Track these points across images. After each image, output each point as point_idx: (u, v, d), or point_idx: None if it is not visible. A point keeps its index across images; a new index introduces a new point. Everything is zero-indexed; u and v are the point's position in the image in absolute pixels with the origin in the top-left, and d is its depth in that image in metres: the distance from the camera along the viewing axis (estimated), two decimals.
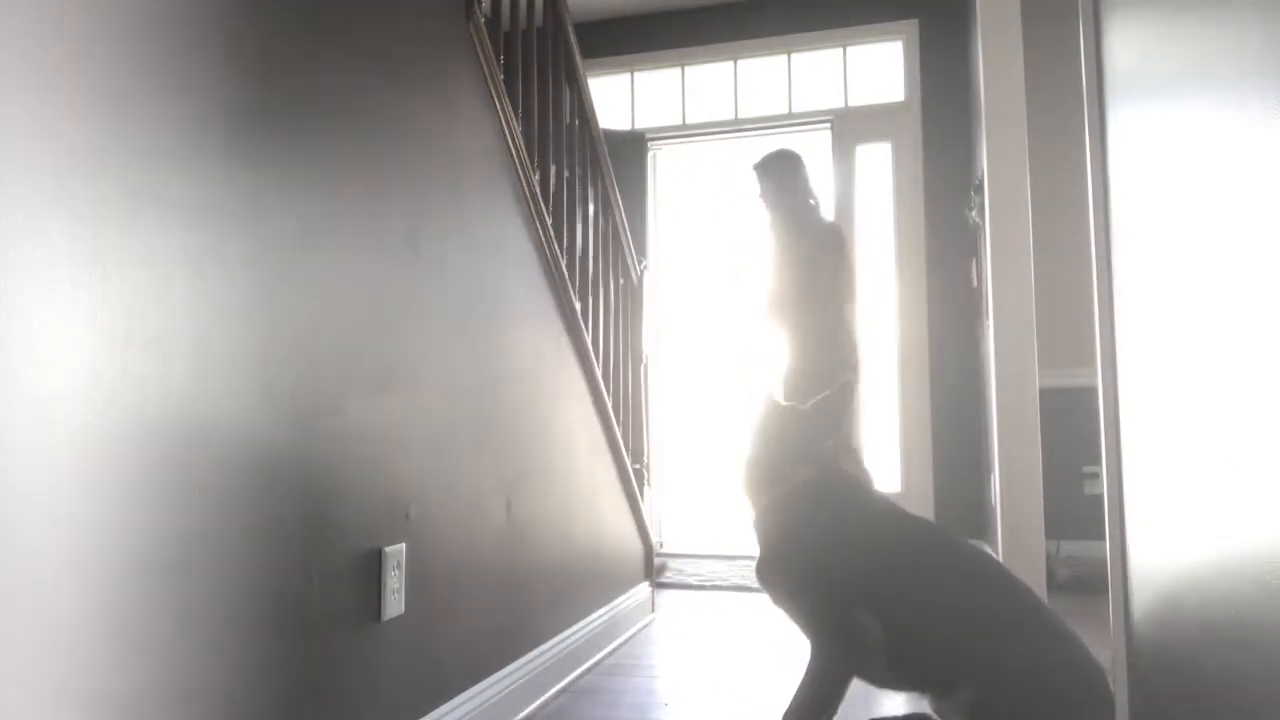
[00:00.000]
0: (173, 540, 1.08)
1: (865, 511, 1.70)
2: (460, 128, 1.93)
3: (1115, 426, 1.01)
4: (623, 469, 3.01)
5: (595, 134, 2.94)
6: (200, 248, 1.15)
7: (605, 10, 5.00)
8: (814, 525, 1.68)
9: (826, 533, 1.66)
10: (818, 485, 1.73)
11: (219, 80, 1.19)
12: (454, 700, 1.76)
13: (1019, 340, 3.22)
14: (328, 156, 1.44)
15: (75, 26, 0.97)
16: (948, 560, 1.61)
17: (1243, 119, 0.65)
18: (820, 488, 1.73)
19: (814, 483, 1.74)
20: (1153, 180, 0.88)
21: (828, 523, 1.68)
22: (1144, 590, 0.94)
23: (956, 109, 4.62)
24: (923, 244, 4.64)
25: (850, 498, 1.73)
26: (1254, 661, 0.65)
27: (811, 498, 1.71)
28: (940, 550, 1.63)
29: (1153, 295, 0.88)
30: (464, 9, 1.98)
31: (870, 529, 1.67)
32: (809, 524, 1.69)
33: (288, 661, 1.30)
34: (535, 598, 2.22)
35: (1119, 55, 0.98)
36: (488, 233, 2.04)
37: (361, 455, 1.50)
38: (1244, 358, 0.66)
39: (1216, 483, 0.72)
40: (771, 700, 2.23)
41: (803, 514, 1.70)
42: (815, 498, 1.71)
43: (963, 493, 4.48)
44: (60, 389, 0.93)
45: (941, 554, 1.62)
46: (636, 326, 3.36)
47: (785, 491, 1.73)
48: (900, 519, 1.69)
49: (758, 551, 1.75)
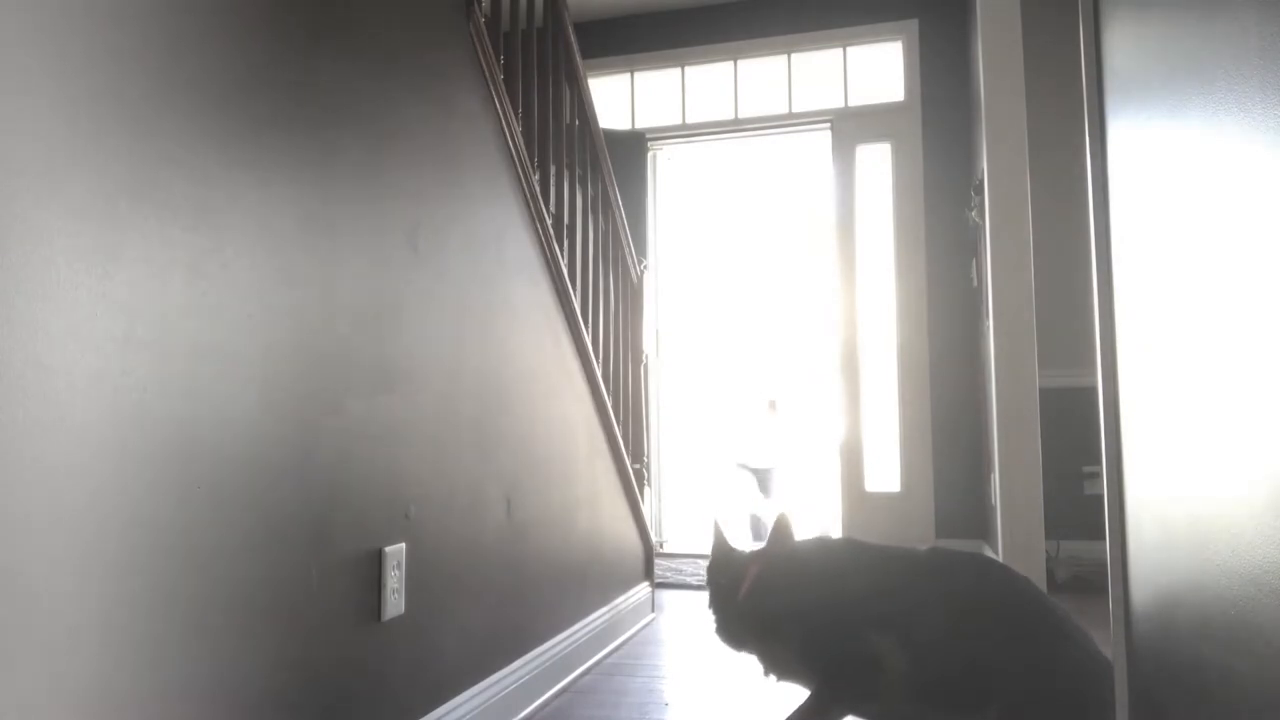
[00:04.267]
0: (173, 540, 1.08)
1: (844, 548, 1.69)
2: (460, 127, 1.93)
3: (1115, 426, 1.01)
4: (623, 469, 3.01)
5: (595, 134, 2.94)
6: (200, 248, 1.15)
7: (605, 10, 5.00)
8: (801, 583, 1.68)
9: (816, 584, 1.65)
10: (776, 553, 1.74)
11: (219, 80, 1.19)
12: (454, 700, 1.76)
13: (1019, 340, 3.22)
14: (328, 156, 1.44)
15: (75, 27, 0.97)
16: (955, 577, 1.58)
17: (1242, 119, 0.65)
18: (782, 554, 1.73)
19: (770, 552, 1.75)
20: (1153, 180, 0.88)
21: (814, 571, 1.67)
22: (1144, 590, 0.94)
23: (956, 109, 4.62)
24: (923, 244, 4.63)
25: (818, 546, 1.73)
26: (1254, 662, 0.65)
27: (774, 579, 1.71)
28: (941, 568, 1.60)
29: (1153, 295, 0.88)
30: (464, 9, 1.98)
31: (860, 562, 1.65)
32: (794, 585, 1.68)
33: (288, 661, 1.30)
34: (535, 598, 2.22)
35: (1119, 55, 0.98)
36: (488, 232, 2.04)
37: (361, 455, 1.50)
38: (1244, 357, 0.66)
39: (1216, 482, 0.72)
40: (772, 700, 2.23)
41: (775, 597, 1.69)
42: (785, 559, 1.71)
43: (963, 493, 4.48)
44: (60, 389, 0.93)
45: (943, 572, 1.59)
46: (636, 326, 3.36)
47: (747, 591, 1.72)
48: (880, 549, 1.68)
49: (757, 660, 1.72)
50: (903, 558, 1.64)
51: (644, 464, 3.37)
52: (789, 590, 1.67)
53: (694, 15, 5.00)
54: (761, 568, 1.72)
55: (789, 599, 1.66)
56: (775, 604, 1.67)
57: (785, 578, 1.69)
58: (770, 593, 1.69)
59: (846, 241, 4.79)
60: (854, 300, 4.75)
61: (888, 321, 4.69)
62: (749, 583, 1.71)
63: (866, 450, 4.70)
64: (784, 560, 1.73)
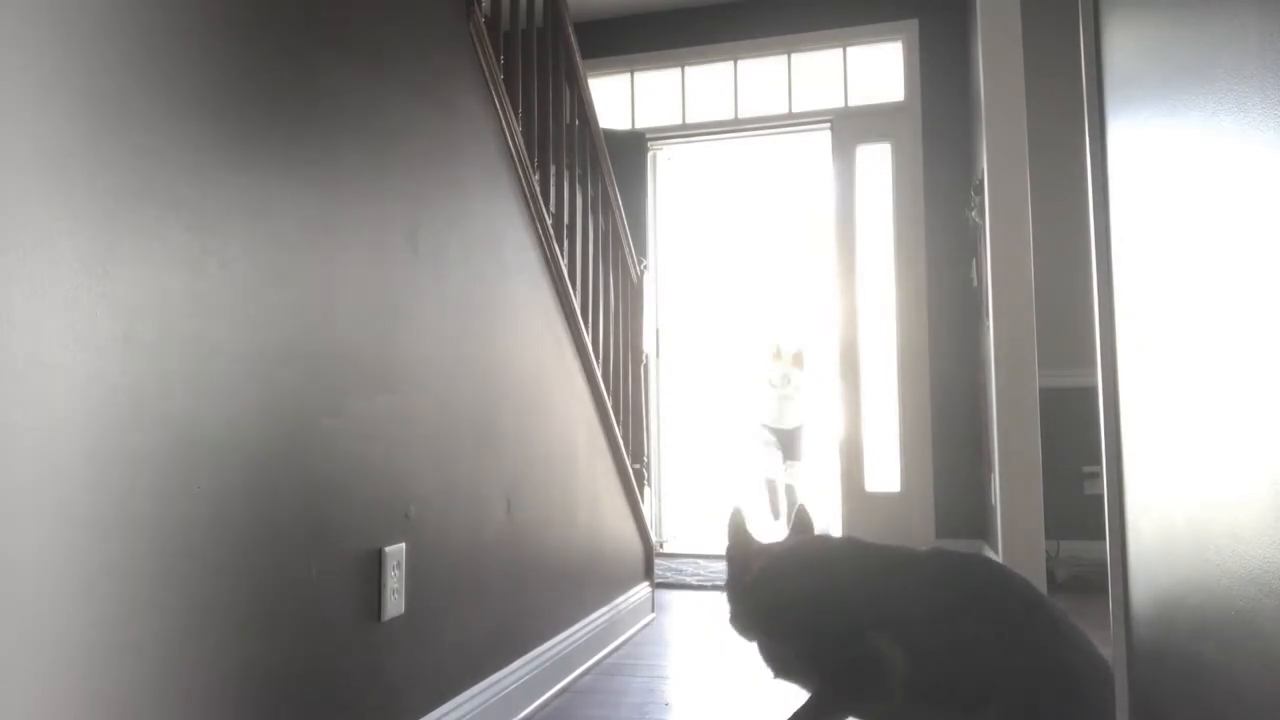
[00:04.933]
0: (172, 540, 1.08)
1: (849, 548, 1.71)
2: (460, 127, 1.93)
3: (1115, 426, 1.01)
4: (623, 469, 3.01)
5: (595, 134, 2.94)
6: (200, 247, 1.15)
7: (605, 10, 5.00)
8: (803, 585, 1.69)
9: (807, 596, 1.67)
10: (781, 549, 1.75)
11: (219, 80, 1.19)
12: (454, 700, 1.76)
13: (1019, 340, 3.22)
14: (327, 156, 1.44)
15: (75, 26, 0.97)
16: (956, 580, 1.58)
17: (1242, 119, 0.65)
18: (786, 551, 1.75)
19: (777, 549, 1.76)
20: (1152, 180, 0.88)
21: (817, 571, 1.69)
22: (1144, 590, 0.94)
23: (956, 109, 4.62)
24: (923, 244, 4.63)
25: (819, 545, 1.74)
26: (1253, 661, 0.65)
27: (776, 574, 1.72)
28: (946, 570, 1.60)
29: (1153, 295, 0.88)
30: (464, 9, 1.98)
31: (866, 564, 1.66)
32: (798, 589, 1.69)
33: (288, 661, 1.30)
34: (535, 598, 2.22)
35: (1119, 55, 0.98)
36: (488, 232, 2.04)
37: (361, 455, 1.50)
38: (1244, 357, 0.66)
39: (1216, 483, 0.72)
40: (773, 700, 2.23)
41: (776, 591, 1.70)
42: (780, 573, 1.72)
43: (963, 493, 4.48)
44: (60, 389, 0.93)
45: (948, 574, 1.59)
46: (636, 326, 3.36)
47: (754, 575, 1.73)
48: (890, 550, 1.68)
49: (766, 663, 1.72)
50: (903, 557, 1.64)
51: (644, 464, 3.38)
52: (789, 587, 1.68)
53: (694, 15, 5.00)
54: (767, 562, 1.74)
55: (790, 595, 1.67)
56: (776, 599, 1.68)
57: (785, 576, 1.70)
58: (772, 587, 1.70)
59: (846, 241, 4.79)
60: (854, 300, 4.75)
61: (888, 321, 4.69)
62: (753, 575, 1.73)
63: (866, 450, 4.70)
64: (787, 556, 1.74)
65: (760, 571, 1.73)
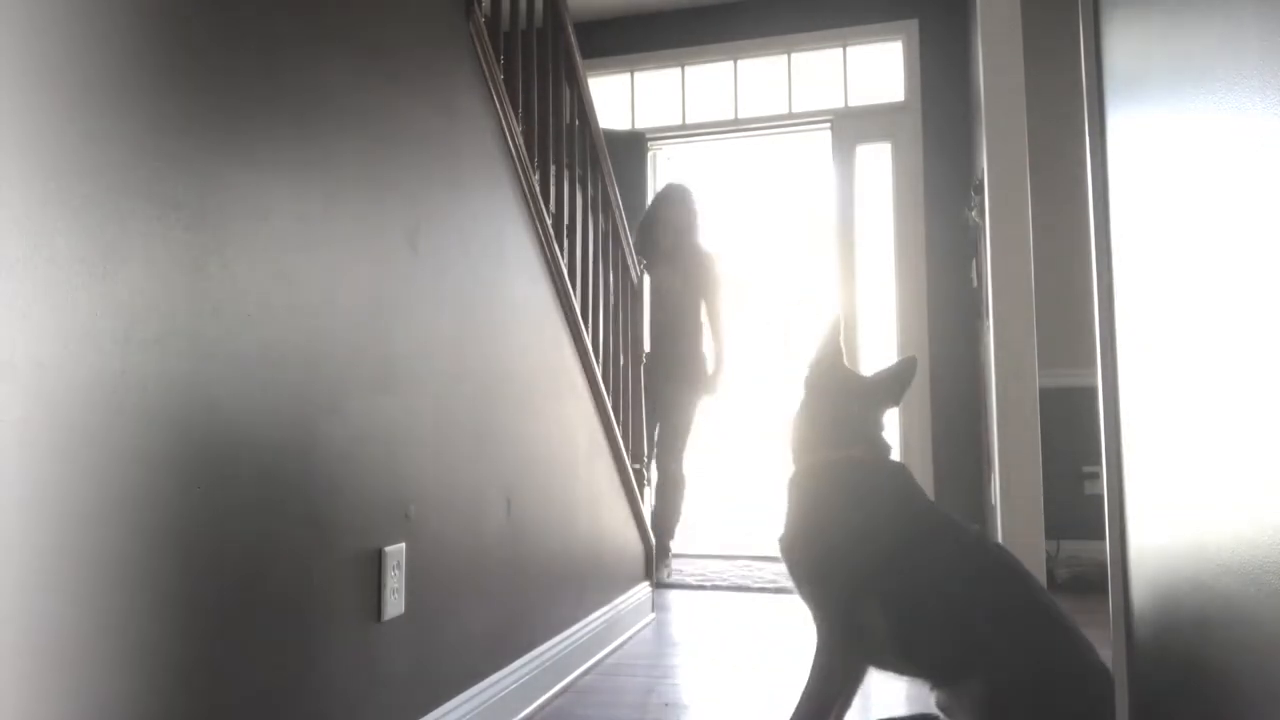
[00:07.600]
0: (172, 540, 1.08)
1: (900, 503, 1.65)
2: (460, 127, 1.93)
3: (1115, 426, 1.01)
4: (623, 469, 3.01)
5: (595, 134, 2.94)
6: (200, 247, 1.15)
7: (605, 10, 5.00)
8: (847, 507, 1.63)
9: (857, 517, 1.62)
10: (863, 466, 1.66)
11: (219, 79, 1.19)
12: (454, 700, 1.76)
13: (1019, 340, 3.22)
14: (327, 156, 1.44)
15: (75, 25, 0.97)
16: (972, 557, 1.59)
17: (1241, 119, 0.65)
18: (865, 469, 1.66)
19: (860, 463, 1.66)
20: (1152, 180, 0.88)
21: (861, 507, 1.63)
22: (1144, 590, 0.94)
23: (956, 109, 4.61)
24: (923, 244, 4.63)
25: (891, 486, 1.67)
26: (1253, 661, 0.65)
27: (854, 477, 1.65)
28: (965, 547, 1.60)
29: (1152, 295, 0.88)
30: (464, 9, 1.98)
31: (899, 520, 1.63)
32: (843, 504, 1.64)
33: (287, 661, 1.30)
34: (535, 598, 2.22)
35: (1119, 55, 0.98)
36: (488, 233, 2.04)
37: (361, 455, 1.50)
38: (1243, 357, 0.66)
39: (1216, 482, 0.72)
40: (773, 700, 2.23)
41: (840, 491, 1.65)
42: (858, 479, 1.65)
43: (963, 493, 4.47)
44: (60, 389, 0.93)
45: (966, 551, 1.60)
46: (637, 326, 3.36)
47: (830, 461, 1.67)
48: (933, 516, 1.66)
49: (784, 519, 1.68)
50: (930, 527, 1.64)
51: (644, 464, 3.38)
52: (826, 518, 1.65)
53: (694, 15, 4.99)
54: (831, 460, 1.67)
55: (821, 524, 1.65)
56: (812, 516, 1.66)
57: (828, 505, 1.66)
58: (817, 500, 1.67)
59: (846, 241, 4.78)
60: (854, 300, 4.75)
61: (888, 321, 4.69)
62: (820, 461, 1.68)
63: None
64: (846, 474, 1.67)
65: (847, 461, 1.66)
